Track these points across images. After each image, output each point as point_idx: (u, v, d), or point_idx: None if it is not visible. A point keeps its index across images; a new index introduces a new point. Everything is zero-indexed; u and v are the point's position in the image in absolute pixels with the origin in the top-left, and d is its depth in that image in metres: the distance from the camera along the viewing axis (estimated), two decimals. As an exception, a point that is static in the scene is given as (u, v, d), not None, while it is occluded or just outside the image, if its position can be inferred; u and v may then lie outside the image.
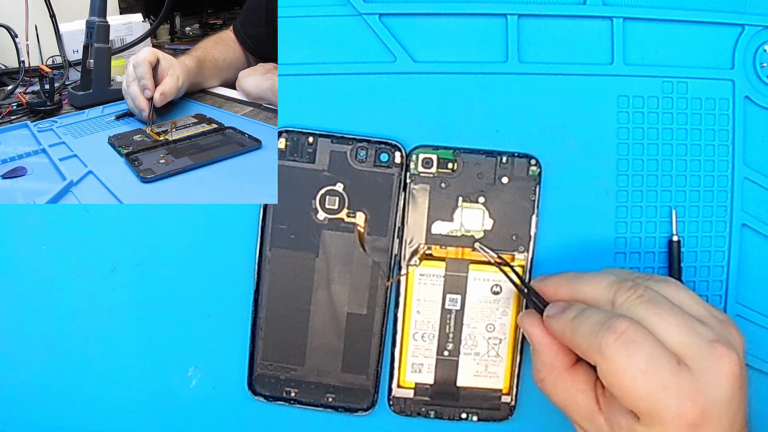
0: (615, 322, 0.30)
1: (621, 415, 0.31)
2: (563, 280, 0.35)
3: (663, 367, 0.30)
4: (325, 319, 0.39)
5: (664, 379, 0.29)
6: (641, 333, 0.30)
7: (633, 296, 0.32)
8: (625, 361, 0.30)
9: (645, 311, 0.31)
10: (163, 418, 0.40)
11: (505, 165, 0.39)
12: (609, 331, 0.30)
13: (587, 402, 0.33)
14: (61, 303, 0.39)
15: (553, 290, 0.35)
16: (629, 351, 0.30)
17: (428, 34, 0.39)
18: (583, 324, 0.32)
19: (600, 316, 0.31)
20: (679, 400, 0.29)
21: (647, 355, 0.30)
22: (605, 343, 0.30)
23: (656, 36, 0.40)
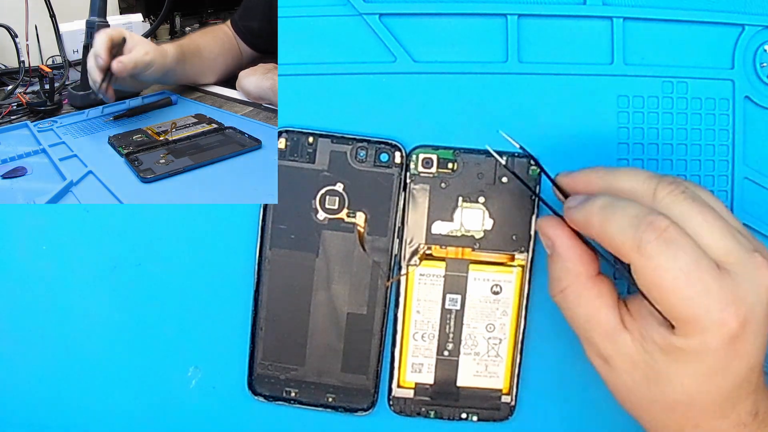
0: (655, 219, 0.28)
1: (653, 328, 0.30)
2: (596, 172, 0.32)
3: (705, 270, 0.28)
4: (325, 319, 0.39)
5: (707, 283, 0.28)
6: (682, 234, 0.28)
7: (676, 191, 0.30)
8: (667, 262, 0.28)
9: (689, 209, 0.29)
10: (163, 418, 0.40)
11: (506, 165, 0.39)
12: (650, 227, 0.28)
13: (611, 317, 0.31)
14: (61, 303, 0.39)
15: (583, 184, 0.32)
16: (671, 251, 0.28)
17: (428, 34, 0.39)
18: (617, 215, 0.29)
19: (637, 210, 0.29)
20: (722, 305, 0.28)
21: (690, 257, 0.28)
22: (646, 239, 0.28)
23: (656, 36, 0.40)
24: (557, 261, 0.32)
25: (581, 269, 0.32)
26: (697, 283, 0.28)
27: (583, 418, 0.40)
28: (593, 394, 0.40)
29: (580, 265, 0.32)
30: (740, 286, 0.28)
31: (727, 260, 0.29)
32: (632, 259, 0.29)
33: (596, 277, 0.32)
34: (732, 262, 0.29)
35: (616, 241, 0.29)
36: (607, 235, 0.29)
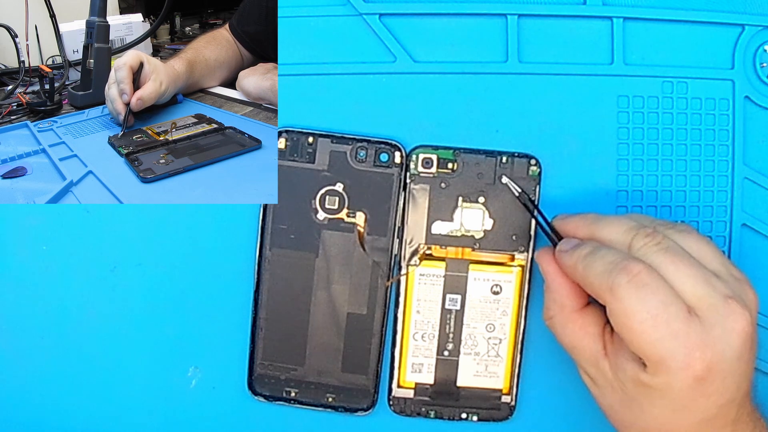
0: (629, 264, 0.30)
1: (627, 362, 0.31)
2: (584, 220, 0.35)
3: (674, 314, 0.29)
4: (325, 319, 0.39)
5: (674, 327, 0.29)
6: (654, 278, 0.30)
7: (650, 243, 0.31)
8: (636, 304, 0.29)
9: (661, 259, 0.31)
10: (163, 418, 0.40)
11: (505, 165, 0.39)
12: (623, 271, 0.30)
13: (593, 346, 0.33)
14: (61, 303, 0.39)
15: (572, 229, 0.35)
16: (641, 294, 0.29)
17: (428, 34, 0.39)
18: (597, 262, 0.31)
19: (615, 256, 0.31)
20: (688, 350, 0.29)
21: (659, 301, 0.29)
22: (617, 283, 0.30)
23: (656, 36, 0.40)
24: (548, 292, 0.35)
25: (567, 302, 0.34)
26: (663, 326, 0.29)
27: (583, 418, 0.40)
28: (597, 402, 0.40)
29: (566, 299, 0.34)
30: (710, 331, 0.29)
31: (699, 306, 0.30)
32: (607, 302, 0.31)
33: (583, 309, 0.34)
34: (703, 308, 0.30)
35: (594, 285, 0.31)
36: (588, 280, 0.32)
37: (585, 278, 0.32)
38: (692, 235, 0.33)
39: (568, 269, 0.33)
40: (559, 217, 0.36)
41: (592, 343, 0.33)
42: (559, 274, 0.34)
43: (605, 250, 0.32)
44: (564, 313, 0.34)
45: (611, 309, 0.30)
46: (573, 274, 0.33)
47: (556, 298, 0.34)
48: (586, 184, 0.40)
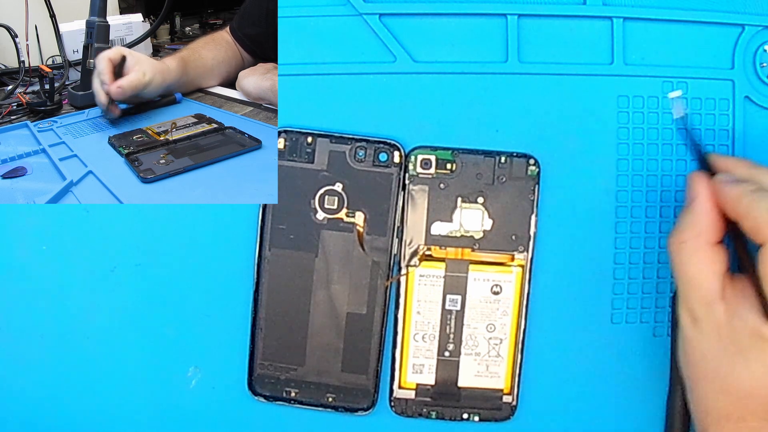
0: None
1: (749, 311, 0.31)
2: (742, 162, 0.34)
3: None
4: (324, 318, 0.39)
5: None
6: None
7: None
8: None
9: None
10: (163, 418, 0.40)
11: (504, 165, 0.39)
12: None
13: (714, 283, 0.32)
14: (61, 303, 0.39)
15: (730, 166, 0.34)
16: None
17: (428, 34, 0.39)
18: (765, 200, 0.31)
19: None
20: None
21: None
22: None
23: (656, 36, 0.40)
24: (689, 214, 0.34)
25: (705, 231, 0.33)
26: None
27: (584, 417, 0.40)
28: (594, 393, 0.40)
29: (706, 227, 0.33)
30: None
31: None
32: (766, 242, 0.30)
33: (716, 243, 0.33)
34: None
35: (759, 220, 0.30)
36: (751, 214, 0.31)
37: (749, 212, 0.31)
38: None
39: (729, 199, 0.32)
40: (713, 154, 0.36)
41: (713, 280, 0.32)
42: (710, 200, 0.33)
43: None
44: (698, 241, 0.33)
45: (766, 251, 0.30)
46: (734, 204, 0.32)
47: (697, 223, 0.33)
48: (586, 184, 0.40)
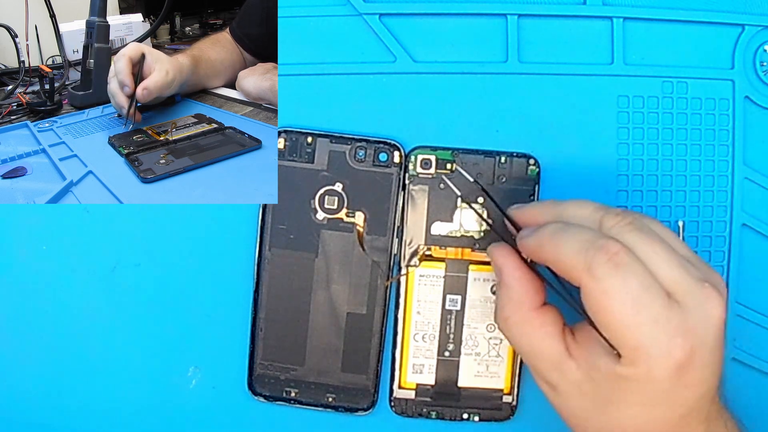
0: (607, 243, 0.28)
1: (600, 357, 0.29)
2: (544, 205, 0.32)
3: (654, 298, 0.27)
4: (324, 318, 0.39)
5: (654, 312, 0.27)
6: (632, 258, 0.28)
7: (622, 222, 0.29)
8: (617, 285, 0.27)
9: (635, 239, 0.29)
10: (163, 418, 0.40)
11: (504, 165, 0.39)
12: (601, 250, 0.28)
13: (556, 346, 0.31)
14: (61, 303, 0.39)
15: (533, 217, 0.32)
16: (621, 274, 0.27)
17: (428, 34, 0.39)
18: (570, 239, 0.29)
19: (589, 234, 0.29)
20: (669, 335, 0.27)
21: (639, 283, 0.27)
22: (596, 262, 0.28)
23: (656, 36, 0.40)
24: (503, 289, 0.32)
25: (525, 299, 0.31)
26: (645, 310, 0.27)
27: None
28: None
29: (524, 296, 0.31)
30: (689, 316, 0.28)
31: (677, 290, 0.28)
32: (582, 282, 0.28)
33: (541, 308, 0.32)
34: (681, 292, 0.28)
35: (567, 263, 0.29)
36: (559, 258, 0.29)
37: (556, 256, 0.29)
38: (656, 221, 0.31)
39: (533, 250, 0.31)
40: (513, 207, 0.34)
41: (554, 344, 0.31)
42: (517, 267, 0.32)
43: (576, 228, 0.30)
44: (522, 312, 0.31)
45: (588, 290, 0.28)
46: (540, 254, 0.30)
47: (512, 295, 0.31)
48: (585, 184, 0.40)
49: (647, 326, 0.27)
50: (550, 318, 0.31)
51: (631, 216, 0.30)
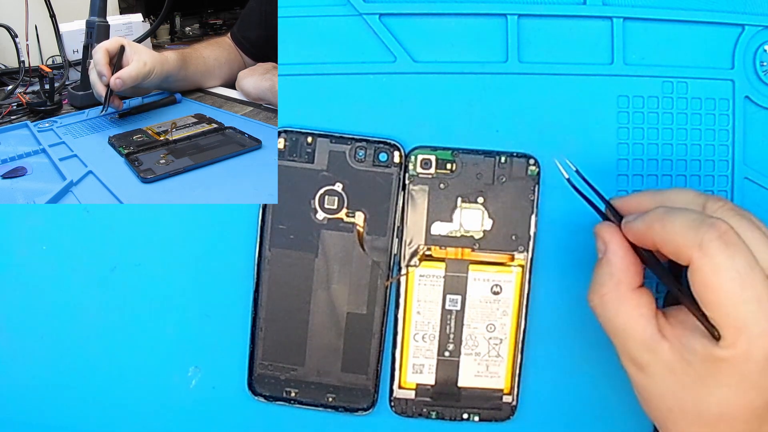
0: (716, 221, 0.29)
1: (695, 339, 0.30)
2: (645, 195, 0.34)
3: (759, 278, 0.28)
4: (324, 318, 0.39)
5: (759, 291, 0.28)
6: (739, 238, 0.29)
7: (725, 207, 0.31)
8: (726, 261, 0.28)
9: (738, 223, 0.30)
10: (163, 418, 0.40)
11: (504, 165, 0.39)
12: (712, 227, 0.29)
13: (649, 327, 0.31)
14: (61, 303, 0.39)
15: (635, 205, 0.33)
16: (730, 252, 0.28)
17: (428, 34, 0.39)
18: (678, 219, 0.30)
19: (698, 214, 0.30)
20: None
21: (746, 262, 0.28)
22: (708, 238, 0.29)
23: (656, 36, 0.40)
24: (604, 266, 0.33)
25: (624, 278, 0.32)
26: (750, 288, 0.28)
27: (584, 418, 0.40)
28: (595, 393, 0.40)
29: (625, 274, 0.32)
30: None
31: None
32: (693, 258, 0.29)
33: (638, 288, 0.32)
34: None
35: (678, 240, 0.30)
36: (668, 237, 0.30)
37: (665, 235, 0.30)
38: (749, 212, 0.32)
39: (641, 233, 0.32)
40: (616, 198, 0.35)
41: (647, 325, 0.31)
42: (623, 245, 0.32)
43: (683, 210, 0.31)
44: (620, 290, 0.32)
45: (698, 266, 0.29)
46: (648, 235, 0.31)
47: (614, 272, 0.32)
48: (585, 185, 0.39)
49: (752, 304, 0.28)
50: (645, 300, 0.32)
51: (730, 203, 0.31)
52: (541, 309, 0.39)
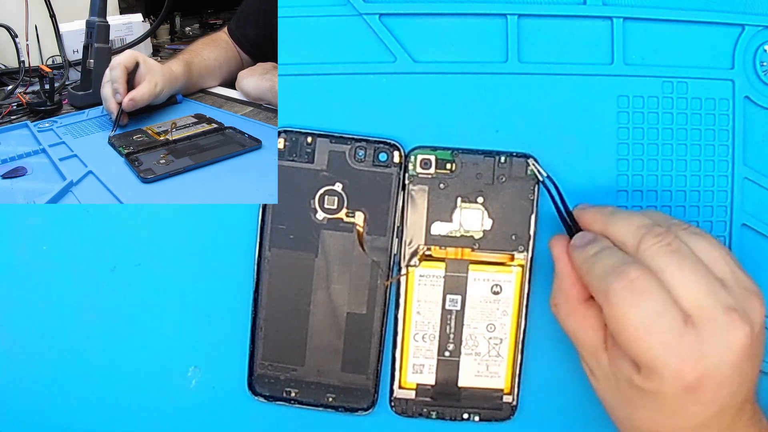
0: (627, 269, 0.30)
1: (623, 361, 0.31)
2: (601, 213, 0.34)
3: (668, 323, 0.29)
4: (324, 318, 0.39)
5: (667, 337, 0.29)
6: (652, 284, 0.29)
7: (659, 243, 0.31)
8: (630, 311, 0.29)
9: (667, 261, 0.30)
10: (163, 418, 0.40)
11: (504, 165, 0.39)
12: (619, 276, 0.30)
13: (594, 339, 0.33)
14: (61, 303, 0.39)
15: (589, 220, 0.35)
16: (635, 300, 0.29)
17: (428, 34, 0.39)
18: (599, 264, 0.31)
19: (615, 259, 0.31)
20: (679, 360, 0.29)
21: (653, 309, 0.29)
22: (613, 288, 0.30)
23: (656, 36, 0.40)
24: (556, 279, 0.35)
25: (572, 292, 0.34)
26: (656, 335, 0.29)
27: (585, 417, 0.40)
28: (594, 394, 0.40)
29: (571, 289, 0.34)
30: (704, 342, 0.29)
31: (697, 315, 0.29)
32: (602, 305, 0.31)
33: (587, 301, 0.34)
34: (702, 318, 0.29)
35: (593, 286, 0.32)
36: (588, 281, 0.32)
37: (587, 278, 0.32)
38: (705, 238, 0.32)
39: (576, 266, 0.33)
40: (580, 206, 0.36)
41: (593, 335, 0.33)
42: (568, 264, 0.34)
43: (610, 251, 0.32)
44: (569, 302, 0.34)
45: (606, 312, 0.31)
46: (579, 272, 0.33)
47: (563, 286, 0.34)
48: (585, 185, 0.40)
49: (658, 349, 0.29)
50: (593, 311, 0.34)
51: (671, 236, 0.31)
52: (541, 309, 0.39)
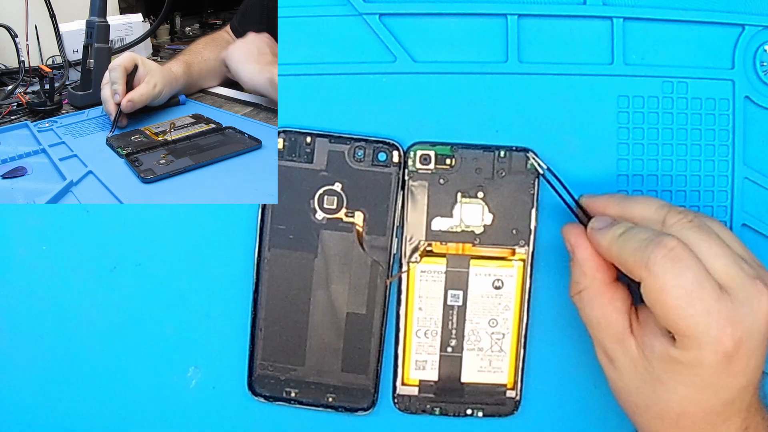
0: (664, 239, 0.30)
1: (656, 338, 0.32)
2: (613, 199, 0.35)
3: (707, 291, 0.30)
4: (324, 318, 0.39)
5: (707, 303, 0.30)
6: (688, 254, 0.30)
7: (684, 220, 0.32)
8: (672, 279, 0.30)
9: (695, 236, 0.31)
10: (163, 418, 0.40)
11: (503, 159, 0.39)
12: (658, 246, 0.30)
13: (621, 322, 0.33)
14: (61, 303, 0.39)
15: (602, 207, 0.35)
16: (676, 269, 0.30)
17: (428, 34, 0.39)
18: (632, 240, 0.32)
19: (648, 233, 0.31)
20: (720, 325, 0.29)
21: (693, 277, 0.30)
22: (653, 258, 0.30)
23: (656, 36, 0.40)
24: (576, 265, 0.35)
25: (597, 275, 0.34)
26: (698, 301, 0.30)
27: (588, 411, 0.40)
28: (598, 387, 0.40)
29: (596, 272, 0.34)
30: (739, 309, 0.30)
31: (729, 284, 0.31)
32: (642, 278, 0.31)
33: (612, 283, 0.34)
34: (733, 287, 0.30)
35: (629, 262, 0.31)
36: (622, 258, 0.32)
37: (620, 256, 0.32)
38: (716, 221, 0.34)
39: (603, 248, 0.33)
40: (586, 196, 0.37)
41: (619, 319, 0.33)
42: (588, 248, 0.34)
43: (638, 228, 0.32)
44: (595, 285, 0.34)
45: (646, 284, 0.31)
46: (608, 252, 0.33)
47: (586, 270, 0.34)
48: (585, 184, 0.40)
49: (699, 316, 0.30)
50: (619, 294, 0.34)
51: (692, 214, 0.33)
52: (543, 303, 0.39)
